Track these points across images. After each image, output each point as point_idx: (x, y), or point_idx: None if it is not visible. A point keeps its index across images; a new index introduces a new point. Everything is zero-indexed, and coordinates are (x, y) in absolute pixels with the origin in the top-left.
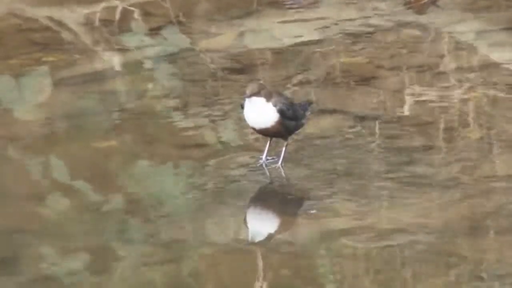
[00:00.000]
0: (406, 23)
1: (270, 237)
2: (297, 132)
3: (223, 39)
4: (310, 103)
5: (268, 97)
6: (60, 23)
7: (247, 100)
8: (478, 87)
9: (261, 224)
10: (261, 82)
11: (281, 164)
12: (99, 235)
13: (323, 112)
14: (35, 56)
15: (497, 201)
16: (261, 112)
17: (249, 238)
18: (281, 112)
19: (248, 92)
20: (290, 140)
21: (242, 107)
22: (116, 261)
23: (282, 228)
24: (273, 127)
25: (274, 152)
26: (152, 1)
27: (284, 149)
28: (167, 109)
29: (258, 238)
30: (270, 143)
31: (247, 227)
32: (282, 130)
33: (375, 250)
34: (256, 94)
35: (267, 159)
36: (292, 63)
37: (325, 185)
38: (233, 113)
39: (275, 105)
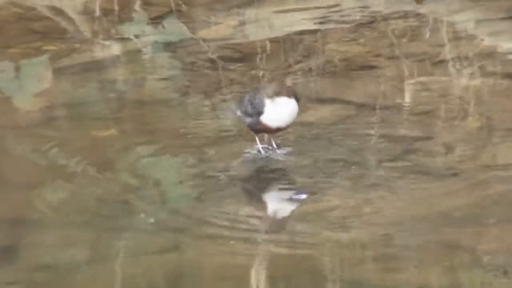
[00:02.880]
0: (405, 12)
1: (270, 226)
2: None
3: (222, 28)
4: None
5: (290, 94)
6: (60, 12)
7: (270, 100)
8: (478, 76)
9: (261, 213)
10: (274, 78)
11: (280, 150)
12: (99, 224)
13: (323, 101)
14: (35, 45)
15: (497, 190)
16: (290, 111)
17: (249, 227)
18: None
19: (271, 92)
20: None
21: (259, 112)
22: (116, 249)
23: (282, 217)
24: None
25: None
26: None
27: (272, 139)
28: (167, 97)
29: (258, 227)
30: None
31: (246, 215)
32: None
33: (375, 239)
34: (279, 93)
35: (268, 148)
36: (291, 52)
37: (325, 174)
38: (233, 102)
39: (296, 100)
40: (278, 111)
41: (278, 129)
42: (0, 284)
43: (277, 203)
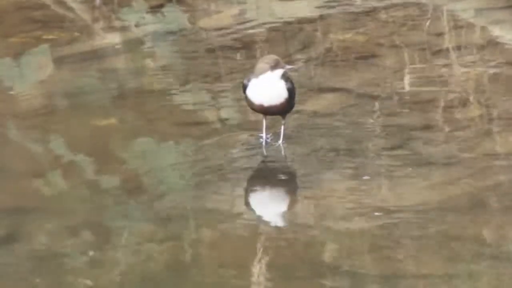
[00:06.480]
0: (405, 1)
1: (270, 215)
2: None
3: (223, 16)
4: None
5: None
6: (60, 1)
7: (267, 73)
8: (478, 65)
9: (261, 202)
10: (270, 58)
11: (282, 142)
12: (99, 213)
13: (323, 90)
14: (35, 34)
15: (497, 179)
16: (272, 89)
17: (249, 216)
18: (289, 90)
19: (273, 63)
20: (287, 118)
21: (244, 86)
22: (116, 238)
23: (282, 206)
24: (281, 104)
25: (272, 130)
26: None
27: (282, 127)
28: (167, 86)
29: (258, 216)
30: (266, 121)
31: (247, 205)
32: (287, 107)
33: (375, 228)
34: (265, 71)
35: (267, 138)
36: (292, 41)
37: (325, 163)
38: (233, 91)
39: (286, 82)
40: (259, 86)
41: (263, 108)
42: (1, 272)
43: (277, 192)
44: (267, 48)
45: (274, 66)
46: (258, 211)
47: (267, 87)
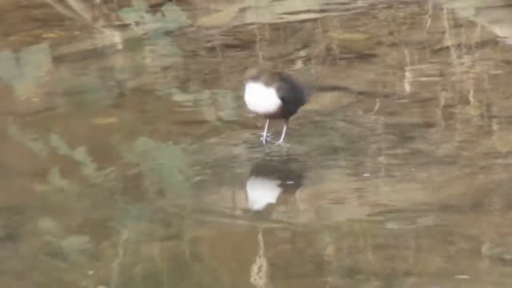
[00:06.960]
0: (406, 0)
1: (270, 213)
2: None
3: (223, 15)
4: (313, 86)
5: (269, 82)
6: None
7: (246, 84)
8: (478, 64)
9: (261, 201)
10: (263, 65)
11: (283, 140)
12: (99, 212)
13: (323, 88)
14: (35, 32)
15: (497, 177)
16: (262, 98)
17: (249, 215)
18: (283, 98)
19: (246, 76)
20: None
21: (243, 92)
22: (117, 237)
23: (282, 204)
24: (275, 111)
25: (273, 129)
26: None
27: (285, 127)
28: (167, 85)
29: (258, 215)
30: (268, 120)
31: (247, 203)
32: (285, 113)
33: (375, 227)
34: (255, 79)
35: (268, 136)
36: (292, 40)
37: (325, 162)
38: (233, 90)
39: (277, 92)
40: (251, 95)
41: (261, 114)
42: (2, 271)
43: (277, 191)
44: (267, 47)
45: (256, 78)
46: (258, 210)
47: (256, 96)
